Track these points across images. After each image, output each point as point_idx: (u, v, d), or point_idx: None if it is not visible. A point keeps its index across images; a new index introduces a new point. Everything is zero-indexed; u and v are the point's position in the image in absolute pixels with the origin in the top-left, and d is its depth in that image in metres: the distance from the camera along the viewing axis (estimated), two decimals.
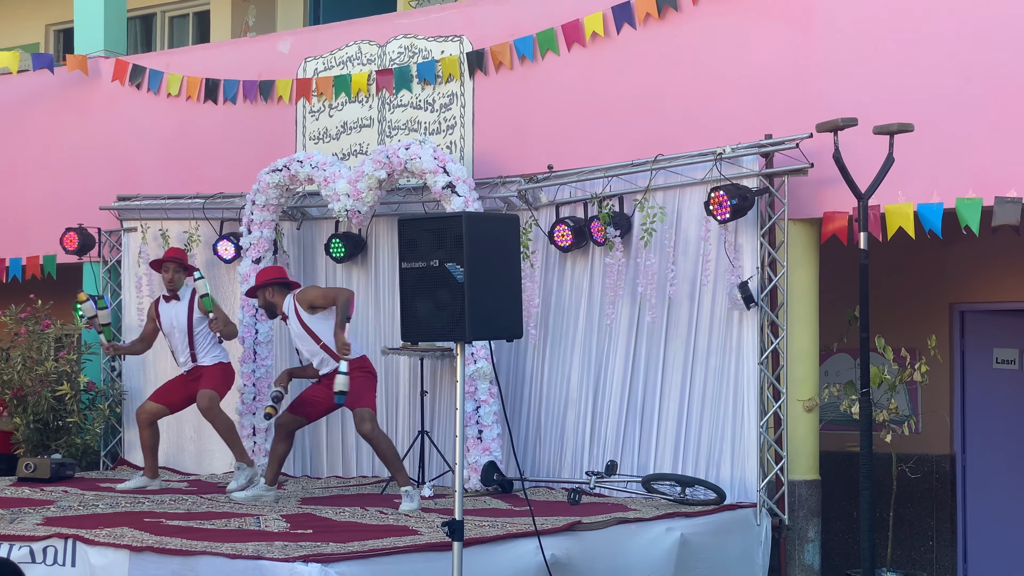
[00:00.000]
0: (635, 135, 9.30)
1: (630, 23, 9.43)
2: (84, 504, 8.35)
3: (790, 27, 8.83)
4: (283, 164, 10.11)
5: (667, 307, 8.90)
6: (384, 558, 6.32)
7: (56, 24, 15.91)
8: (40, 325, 11.13)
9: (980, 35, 8.16)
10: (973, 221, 7.95)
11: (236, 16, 14.69)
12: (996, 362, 10.32)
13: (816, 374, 8.78)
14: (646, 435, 8.97)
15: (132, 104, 11.77)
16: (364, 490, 9.51)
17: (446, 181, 9.44)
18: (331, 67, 10.74)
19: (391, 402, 10.25)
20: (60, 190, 12.09)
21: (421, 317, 6.01)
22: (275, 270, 9.00)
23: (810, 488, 8.62)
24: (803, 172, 8.43)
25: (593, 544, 7.28)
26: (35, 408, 10.83)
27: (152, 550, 6.42)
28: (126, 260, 11.35)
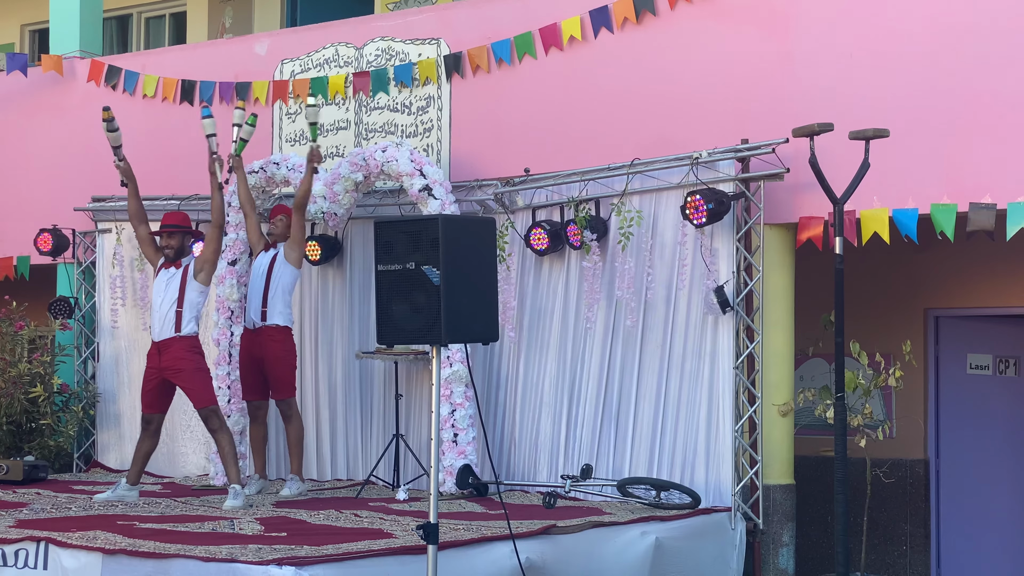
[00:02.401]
0: (612, 139, 9.31)
1: (607, 27, 9.44)
2: (57, 506, 8.30)
3: (767, 32, 8.86)
4: (259, 166, 10.08)
5: (643, 311, 8.91)
6: (358, 561, 6.30)
7: (31, 24, 15.83)
8: (14, 327, 11.07)
9: (955, 42, 8.21)
10: (948, 227, 7.99)
11: (213, 17, 14.65)
12: (970, 367, 10.37)
13: (791, 379, 8.81)
14: (621, 439, 8.98)
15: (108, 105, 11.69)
16: (339, 493, 9.48)
17: (423, 184, 9.43)
18: (308, 69, 10.72)
19: (366, 405, 10.23)
20: (34, 191, 12.02)
21: (397, 320, 6.00)
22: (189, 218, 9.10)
23: (785, 492, 8.64)
24: (779, 177, 8.46)
25: (568, 548, 7.28)
26: (8, 410, 10.76)
27: (125, 552, 6.39)
28: (100, 261, 11.30)
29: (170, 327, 8.72)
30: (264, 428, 9.59)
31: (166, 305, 8.74)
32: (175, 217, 9.00)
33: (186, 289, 8.72)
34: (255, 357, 9.43)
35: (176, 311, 8.72)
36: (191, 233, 8.97)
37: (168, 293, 8.75)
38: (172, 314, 8.72)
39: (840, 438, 7.25)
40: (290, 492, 9.24)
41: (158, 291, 8.84)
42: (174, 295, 8.73)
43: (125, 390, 10.89)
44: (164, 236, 8.84)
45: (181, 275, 8.76)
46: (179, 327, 8.70)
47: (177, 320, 8.71)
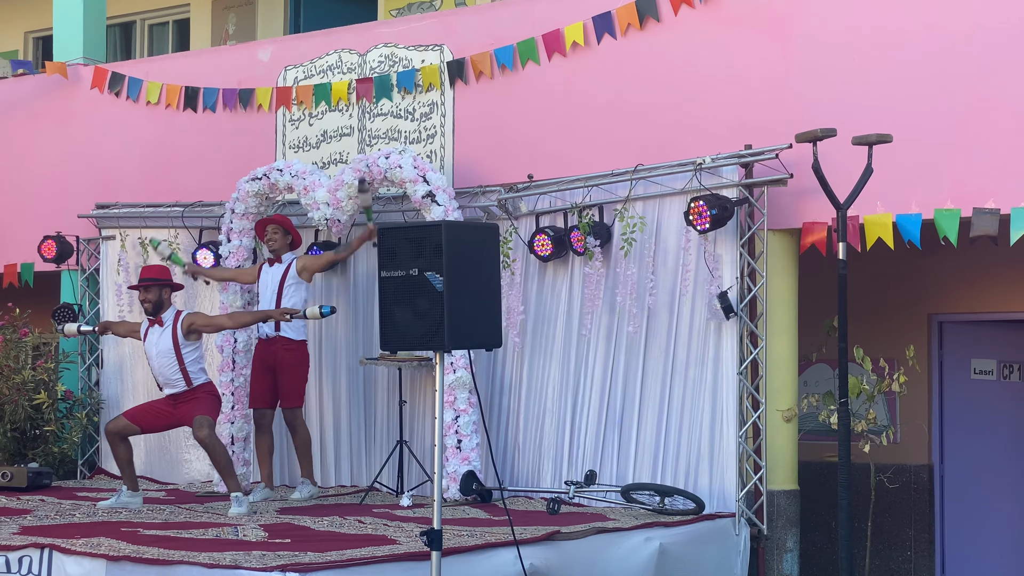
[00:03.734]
0: (615, 145, 9.32)
1: (611, 33, 9.45)
2: (61, 513, 8.31)
3: (770, 38, 8.86)
4: (263, 173, 10.09)
5: (646, 317, 8.91)
6: (362, 567, 6.30)
7: (35, 31, 15.85)
8: (18, 333, 11.07)
9: (959, 47, 8.20)
10: (951, 232, 7.99)
11: (216, 24, 14.67)
12: (974, 372, 10.36)
13: (795, 384, 8.80)
14: (625, 445, 8.97)
15: (111, 112, 11.74)
16: (343, 499, 9.48)
17: (426, 190, 9.43)
18: (311, 76, 10.72)
19: (370, 412, 10.24)
20: (38, 198, 12.03)
21: (400, 326, 6.00)
22: (168, 271, 9.07)
23: (789, 498, 8.64)
24: (782, 183, 8.46)
25: (572, 554, 7.27)
26: (12, 417, 10.76)
27: (129, 559, 6.40)
28: (104, 268, 11.31)
29: (180, 385, 8.78)
30: (270, 437, 9.62)
31: (167, 368, 8.77)
32: (152, 271, 8.99)
33: (181, 351, 8.73)
34: (268, 365, 9.45)
35: (180, 370, 8.76)
36: (169, 285, 8.94)
37: (164, 358, 8.74)
38: (177, 374, 8.76)
39: (844, 443, 7.24)
40: (301, 496, 9.26)
41: (151, 353, 8.86)
42: (171, 358, 8.73)
43: (129, 397, 10.89)
44: (141, 290, 8.85)
45: (171, 336, 8.74)
46: (189, 383, 8.77)
47: (185, 378, 8.77)
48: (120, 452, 8.84)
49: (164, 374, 8.77)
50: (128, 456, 8.88)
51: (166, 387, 8.82)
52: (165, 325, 8.77)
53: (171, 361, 8.70)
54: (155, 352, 8.77)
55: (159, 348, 8.75)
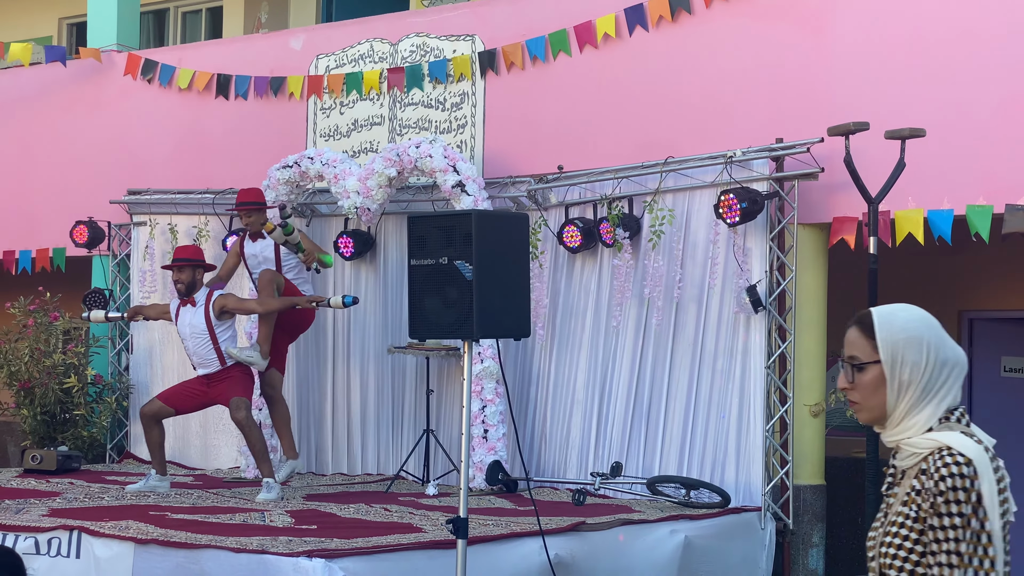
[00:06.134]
0: (646, 137, 9.30)
1: (642, 25, 9.43)
2: (90, 496, 8.37)
3: (802, 31, 8.82)
4: (293, 160, 10.12)
5: (674, 309, 8.90)
6: (388, 554, 6.32)
7: (69, 18, 15.95)
8: (48, 317, 11.15)
9: (992, 42, 8.15)
10: (983, 228, 7.93)
11: (249, 12, 14.71)
12: (1004, 370, 10.30)
13: (823, 379, 8.77)
14: (652, 437, 8.97)
15: (144, 98, 11.79)
16: (369, 487, 9.51)
17: (456, 180, 9.44)
18: (343, 64, 10.75)
19: (397, 400, 10.26)
20: (70, 183, 12.11)
21: (429, 314, 6.01)
22: (201, 252, 9.07)
23: (815, 493, 8.62)
24: (813, 176, 8.42)
25: (597, 545, 7.27)
26: (42, 400, 10.84)
27: (157, 543, 6.44)
28: (135, 254, 11.37)
29: (215, 364, 8.80)
30: (283, 405, 9.33)
31: (201, 348, 8.80)
32: (186, 251, 9.01)
33: (215, 331, 8.76)
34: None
35: (215, 349, 8.79)
36: (202, 266, 8.95)
37: (198, 338, 8.77)
38: (211, 353, 8.79)
39: (872, 439, 7.22)
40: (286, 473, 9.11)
41: (185, 333, 8.88)
42: (205, 337, 8.76)
43: (159, 382, 10.95)
44: (175, 271, 8.88)
45: (204, 316, 8.76)
46: (223, 362, 8.81)
47: (219, 357, 8.80)
48: (153, 435, 8.89)
49: (199, 354, 8.82)
50: (160, 440, 8.93)
51: (200, 367, 8.86)
52: (198, 305, 8.79)
53: (205, 341, 8.75)
54: (189, 332, 8.82)
55: (193, 328, 8.79)
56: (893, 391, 2.99)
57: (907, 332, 3.00)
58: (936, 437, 2.94)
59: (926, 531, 2.89)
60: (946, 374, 2.99)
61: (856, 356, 3.04)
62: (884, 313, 3.04)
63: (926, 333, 3.01)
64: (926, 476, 2.90)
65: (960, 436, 2.93)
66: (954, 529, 2.86)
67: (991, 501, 2.87)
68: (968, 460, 2.88)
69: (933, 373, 2.98)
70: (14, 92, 12.64)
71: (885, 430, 3.04)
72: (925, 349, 2.99)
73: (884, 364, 2.99)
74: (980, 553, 2.86)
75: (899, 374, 2.98)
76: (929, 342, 3.00)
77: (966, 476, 2.87)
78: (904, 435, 2.99)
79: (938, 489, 2.87)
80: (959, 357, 3.02)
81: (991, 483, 2.88)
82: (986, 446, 2.95)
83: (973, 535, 2.86)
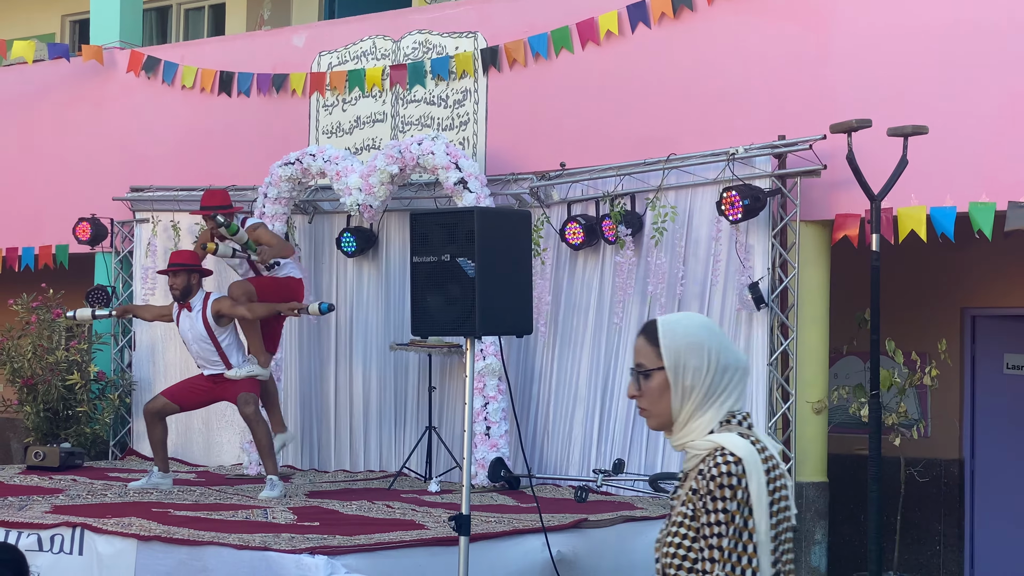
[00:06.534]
0: (648, 134, 9.30)
1: (645, 22, 9.42)
2: (93, 493, 8.37)
3: (804, 28, 8.82)
4: (295, 158, 10.12)
5: (677, 306, 8.89)
6: (390, 551, 6.33)
7: (72, 15, 15.95)
8: (51, 314, 11.15)
9: (996, 39, 8.14)
10: (986, 225, 7.93)
11: (251, 9, 14.72)
12: (1007, 367, 10.29)
13: (825, 376, 8.77)
14: (654, 434, 8.96)
15: (146, 95, 11.80)
16: (371, 484, 9.52)
17: (458, 177, 9.44)
18: (345, 61, 10.75)
19: (400, 398, 10.27)
20: (73, 180, 12.12)
21: (432, 311, 6.01)
22: (197, 256, 8.98)
23: (818, 490, 8.62)
24: (816, 173, 8.42)
25: (599, 542, 7.28)
26: (45, 397, 10.86)
27: (159, 539, 6.45)
28: (138, 251, 11.38)
29: (220, 367, 8.79)
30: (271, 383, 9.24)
31: (205, 352, 8.78)
32: (181, 256, 8.95)
33: (216, 336, 8.73)
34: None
35: (218, 353, 8.77)
36: (198, 271, 8.88)
37: (202, 342, 8.74)
38: (215, 356, 8.78)
39: (874, 436, 7.22)
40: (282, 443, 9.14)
41: (187, 337, 8.86)
42: (207, 342, 8.73)
43: (161, 379, 10.95)
44: (170, 275, 8.83)
45: (202, 322, 8.72)
46: (228, 365, 8.78)
47: (224, 361, 8.78)
48: (156, 432, 8.89)
49: (203, 357, 8.83)
50: (163, 437, 8.93)
51: (205, 368, 8.87)
52: (194, 310, 8.76)
53: (208, 345, 8.75)
54: (191, 336, 8.80)
55: (194, 333, 8.78)
56: (677, 396, 3.07)
57: (689, 339, 3.07)
58: (713, 438, 3.03)
59: (701, 528, 2.96)
60: (727, 378, 3.07)
61: (642, 363, 3.12)
62: (668, 321, 3.13)
63: (707, 339, 3.08)
64: (701, 476, 2.98)
65: (734, 437, 3.01)
66: (718, 525, 2.93)
67: (758, 500, 2.94)
68: (738, 459, 2.96)
69: (714, 378, 3.06)
70: (17, 89, 12.65)
71: (672, 435, 3.12)
72: (706, 354, 3.06)
73: (668, 370, 3.06)
74: (741, 550, 2.93)
75: (682, 379, 3.06)
76: (710, 348, 3.07)
77: (734, 474, 2.95)
78: (688, 438, 3.07)
79: (708, 488, 2.95)
80: (740, 362, 3.11)
81: (760, 483, 2.95)
82: (762, 447, 3.03)
83: (736, 531, 2.93)
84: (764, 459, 3.00)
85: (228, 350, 8.76)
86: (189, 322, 8.79)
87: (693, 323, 3.12)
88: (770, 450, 3.05)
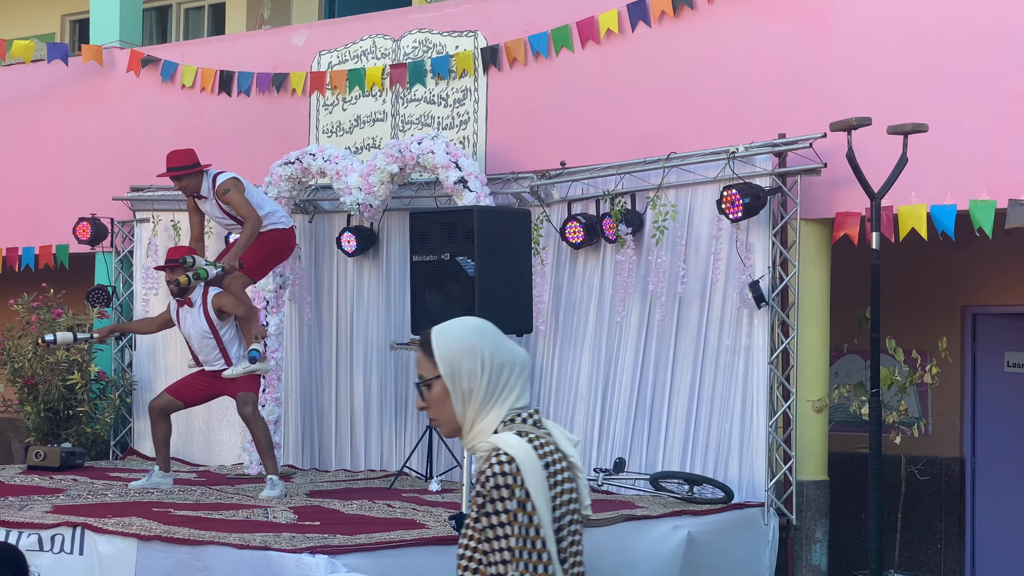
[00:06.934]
0: (648, 133, 9.30)
1: (645, 21, 9.42)
2: (93, 493, 8.37)
3: (805, 27, 8.82)
4: (296, 157, 10.12)
5: (677, 305, 8.90)
6: (391, 551, 6.33)
7: (72, 14, 15.95)
8: (51, 314, 11.15)
9: (996, 36, 8.14)
10: (986, 223, 7.93)
11: (251, 9, 14.72)
12: (1007, 365, 10.29)
13: (826, 374, 8.77)
14: (655, 433, 8.97)
15: (146, 95, 11.80)
16: (372, 483, 9.52)
17: (458, 176, 9.44)
18: (345, 61, 10.75)
19: (400, 397, 10.27)
20: (74, 180, 12.12)
21: (431, 310, 6.03)
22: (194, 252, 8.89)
23: (818, 488, 8.61)
24: (816, 172, 8.42)
25: (600, 541, 7.27)
26: (45, 397, 10.86)
27: (160, 539, 6.44)
28: (138, 251, 11.38)
29: (220, 364, 8.75)
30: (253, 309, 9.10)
31: (206, 348, 8.72)
32: (177, 252, 8.88)
33: (218, 331, 8.67)
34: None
35: (220, 350, 8.72)
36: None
37: (204, 339, 8.69)
38: (215, 352, 8.73)
39: (875, 435, 7.22)
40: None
41: (188, 334, 8.79)
42: (209, 338, 8.68)
43: (162, 378, 10.95)
44: (167, 271, 8.76)
45: (204, 316, 8.66)
46: (229, 361, 8.74)
47: (224, 357, 8.73)
48: (160, 431, 8.87)
49: (204, 353, 8.78)
50: (167, 436, 8.92)
51: (206, 365, 8.84)
52: (195, 306, 8.69)
53: (210, 340, 8.69)
54: (193, 333, 8.75)
55: (196, 329, 8.72)
56: (458, 401, 3.12)
57: (460, 343, 3.13)
58: (492, 439, 3.06)
59: (484, 531, 3.01)
60: (505, 376, 3.11)
61: (422, 375, 3.19)
62: (440, 329, 3.19)
63: (479, 341, 3.13)
64: (479, 479, 3.04)
65: (510, 436, 3.05)
66: (502, 526, 2.98)
67: (539, 495, 2.98)
68: (511, 459, 3.00)
69: (491, 378, 3.11)
70: (17, 89, 12.65)
71: (464, 439, 3.17)
72: (479, 356, 3.11)
73: (444, 377, 3.12)
74: (530, 547, 2.98)
75: (459, 384, 3.11)
76: (482, 349, 3.11)
77: (508, 474, 2.98)
78: (475, 441, 3.12)
79: (485, 490, 3.00)
80: (516, 358, 3.15)
81: (537, 478, 2.99)
82: (544, 442, 3.06)
83: (522, 529, 2.98)
84: (544, 454, 3.04)
85: (229, 344, 8.71)
86: (191, 318, 8.74)
87: (464, 327, 3.17)
88: (556, 444, 3.09)
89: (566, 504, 3.07)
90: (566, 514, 3.07)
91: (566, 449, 3.13)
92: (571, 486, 3.09)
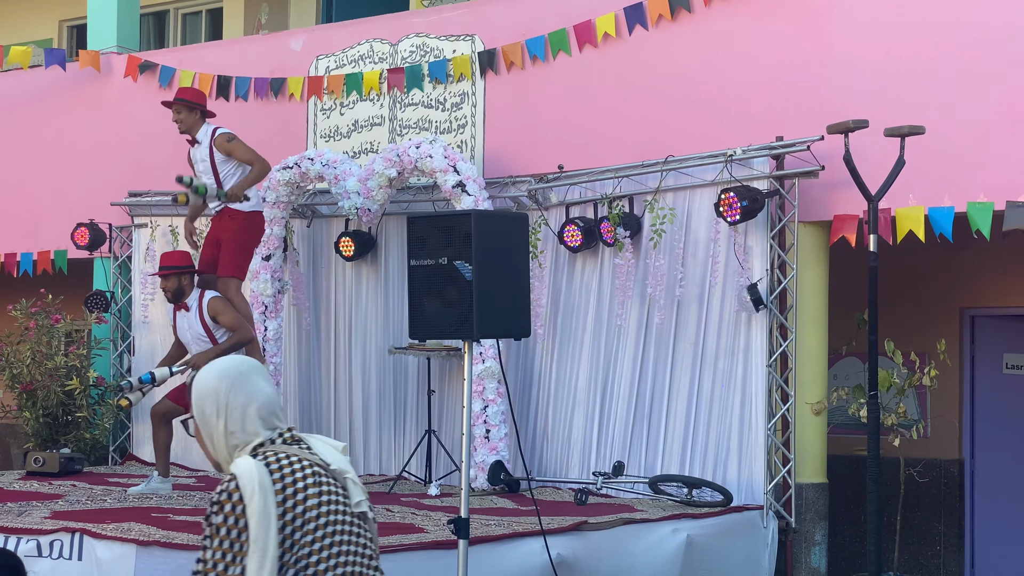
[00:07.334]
0: (646, 136, 9.30)
1: (642, 24, 9.43)
2: (92, 498, 8.36)
3: (802, 29, 8.82)
4: (294, 162, 10.12)
5: (676, 308, 8.90)
6: (390, 555, 6.31)
7: (69, 20, 15.95)
8: (50, 320, 11.15)
9: (993, 38, 8.15)
10: (984, 225, 7.93)
11: (249, 13, 14.72)
12: (1006, 367, 10.30)
13: (825, 377, 8.77)
14: (654, 436, 8.97)
15: (144, 100, 11.79)
16: (371, 487, 9.51)
17: (456, 180, 9.44)
18: (343, 65, 10.75)
19: (399, 401, 10.26)
20: (71, 185, 12.12)
21: (429, 315, 6.01)
22: (188, 257, 8.88)
23: (817, 491, 8.61)
24: (814, 174, 8.43)
25: (599, 544, 7.28)
26: (44, 402, 10.85)
27: (159, 544, 6.43)
28: (136, 256, 11.38)
29: None
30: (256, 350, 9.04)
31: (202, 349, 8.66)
32: (171, 258, 8.83)
33: (214, 335, 8.62)
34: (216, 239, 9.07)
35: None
36: (189, 272, 8.75)
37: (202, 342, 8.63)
38: None
39: (873, 437, 7.22)
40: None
41: (185, 339, 8.75)
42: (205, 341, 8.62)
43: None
44: (161, 279, 8.73)
45: (199, 321, 8.63)
46: None
47: None
48: (160, 436, 8.86)
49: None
50: (167, 441, 8.91)
51: None
52: (191, 310, 8.65)
53: (206, 345, 8.65)
54: (190, 337, 8.73)
55: (192, 333, 8.69)
56: (208, 440, 3.44)
57: (203, 388, 3.44)
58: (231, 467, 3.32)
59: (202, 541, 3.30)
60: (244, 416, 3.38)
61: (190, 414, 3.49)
62: (199, 374, 3.49)
63: (218, 384, 3.41)
64: None
65: (243, 459, 3.30)
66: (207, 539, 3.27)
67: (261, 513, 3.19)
68: (232, 477, 3.25)
69: (228, 419, 3.39)
70: (15, 95, 12.65)
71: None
72: (215, 400, 3.40)
73: (197, 418, 3.46)
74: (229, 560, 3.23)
75: (206, 426, 3.43)
76: (219, 392, 3.40)
77: (224, 491, 3.25)
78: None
79: (208, 512, 3.28)
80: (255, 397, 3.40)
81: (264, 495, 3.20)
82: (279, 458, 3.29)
83: (222, 542, 3.23)
84: (276, 468, 3.26)
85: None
86: (187, 322, 8.72)
87: (210, 371, 3.45)
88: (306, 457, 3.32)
89: (314, 508, 3.25)
90: (311, 520, 3.25)
91: (328, 458, 3.36)
92: (317, 491, 3.27)
